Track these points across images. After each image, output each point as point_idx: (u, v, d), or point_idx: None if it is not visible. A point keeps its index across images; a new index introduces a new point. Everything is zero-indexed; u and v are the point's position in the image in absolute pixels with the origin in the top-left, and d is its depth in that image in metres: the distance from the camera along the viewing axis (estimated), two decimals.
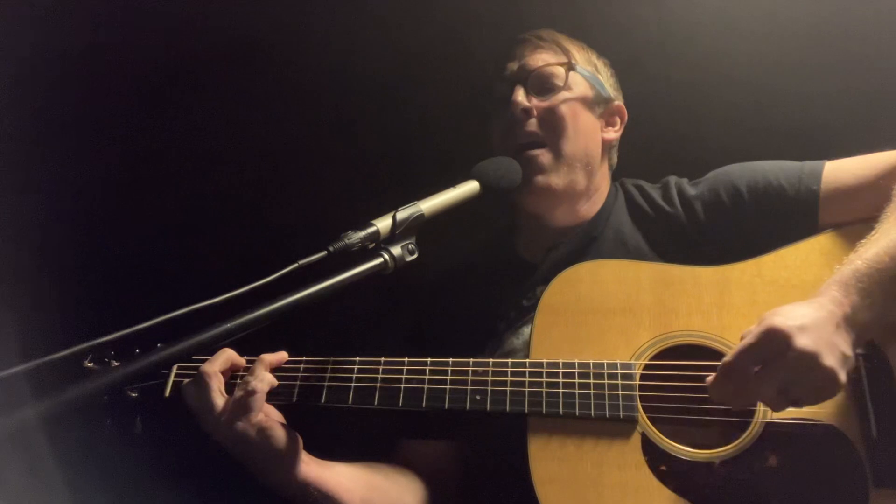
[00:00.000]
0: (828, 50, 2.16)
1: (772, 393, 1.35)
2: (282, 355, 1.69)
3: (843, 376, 1.34)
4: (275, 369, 1.67)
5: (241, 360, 1.70)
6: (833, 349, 1.34)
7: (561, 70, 1.92)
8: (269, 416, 1.61)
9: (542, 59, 1.92)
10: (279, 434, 1.59)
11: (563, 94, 1.90)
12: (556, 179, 1.87)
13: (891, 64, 2.11)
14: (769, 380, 1.34)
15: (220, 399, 1.60)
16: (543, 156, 1.87)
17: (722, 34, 2.22)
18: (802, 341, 1.32)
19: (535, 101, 1.88)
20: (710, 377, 1.39)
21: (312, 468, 1.64)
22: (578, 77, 1.93)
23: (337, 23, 2.29)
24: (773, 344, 1.33)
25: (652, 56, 2.23)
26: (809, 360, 1.32)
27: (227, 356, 1.67)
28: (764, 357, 1.34)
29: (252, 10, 2.25)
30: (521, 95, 1.87)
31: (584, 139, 1.91)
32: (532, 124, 1.88)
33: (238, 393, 1.57)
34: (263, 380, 1.59)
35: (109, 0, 2.18)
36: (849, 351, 1.37)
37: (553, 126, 1.88)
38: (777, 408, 1.39)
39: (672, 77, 2.25)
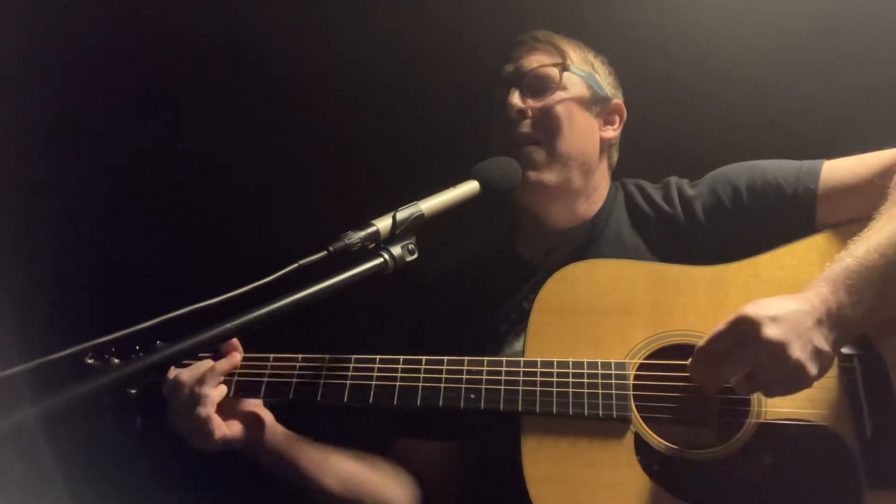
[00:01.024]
0: (827, 48, 2.15)
1: (737, 377, 1.39)
2: (234, 359, 1.72)
3: (812, 370, 1.36)
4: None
5: (226, 365, 1.71)
6: (805, 342, 1.36)
7: (555, 70, 1.92)
8: (231, 425, 1.68)
9: (537, 60, 1.93)
10: (245, 439, 1.70)
11: (559, 95, 1.90)
12: (549, 176, 1.87)
13: (891, 63, 2.10)
14: (734, 364, 1.38)
15: (181, 422, 1.66)
16: (536, 152, 1.87)
17: (722, 33, 2.22)
18: (771, 331, 1.34)
19: (529, 102, 1.89)
20: (690, 360, 1.44)
21: (290, 448, 1.74)
22: (574, 77, 1.93)
23: (337, 24, 2.29)
24: (741, 331, 1.37)
25: (652, 55, 2.23)
26: (776, 349, 1.34)
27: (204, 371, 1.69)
28: (732, 342, 1.38)
29: (255, 12, 2.27)
30: (515, 97, 1.88)
31: (579, 138, 1.91)
32: (527, 125, 1.88)
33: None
34: (206, 403, 1.63)
35: (111, 3, 2.20)
36: (825, 347, 1.38)
37: (547, 126, 1.88)
38: (743, 392, 1.45)
39: (672, 76, 2.24)
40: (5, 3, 2.05)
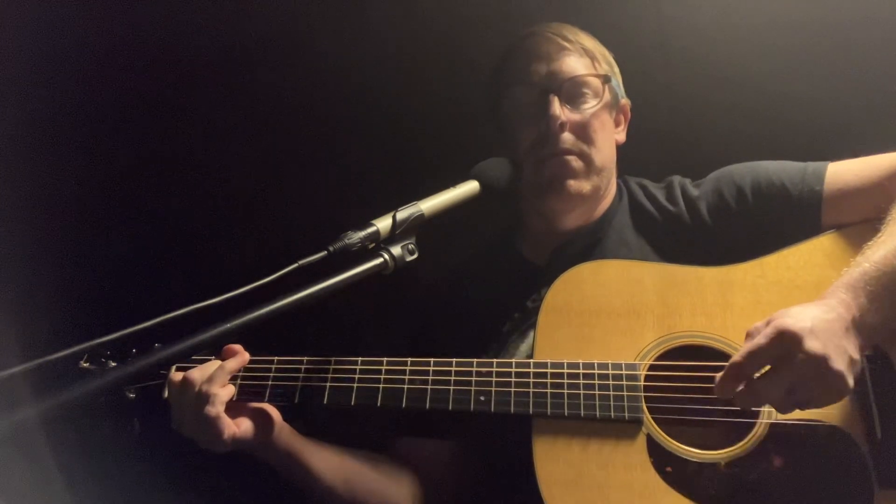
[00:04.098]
0: (830, 50, 2.16)
1: (779, 395, 1.35)
2: (243, 357, 1.69)
3: (850, 380, 1.34)
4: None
5: (235, 363, 1.68)
6: (842, 353, 1.34)
7: (597, 81, 1.89)
8: (240, 424, 1.64)
9: (571, 64, 1.88)
10: (254, 437, 1.66)
11: (595, 105, 1.87)
12: (587, 185, 1.86)
13: (894, 65, 2.12)
14: (777, 382, 1.34)
15: (189, 422, 1.63)
16: (576, 161, 1.84)
17: (723, 34, 2.23)
18: (812, 344, 1.32)
19: (567, 113, 1.84)
20: (719, 375, 1.39)
21: (296, 446, 1.72)
22: (608, 86, 1.91)
23: (338, 23, 2.28)
24: (783, 346, 1.33)
25: (652, 56, 2.24)
26: (819, 364, 1.32)
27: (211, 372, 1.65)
28: (773, 359, 1.34)
29: (257, 13, 2.25)
30: (557, 108, 1.82)
31: (608, 148, 1.91)
32: (568, 139, 1.83)
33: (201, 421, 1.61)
34: (215, 403, 1.59)
35: (108, 5, 2.17)
36: (856, 355, 1.37)
37: (585, 138, 1.85)
38: (784, 410, 1.39)
39: (672, 76, 2.25)
40: (6, 5, 2.03)
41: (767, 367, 1.36)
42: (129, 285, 2.20)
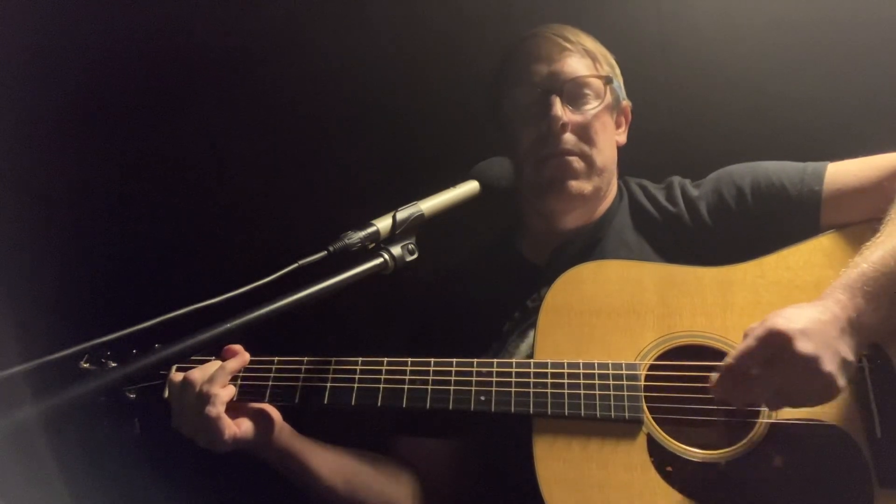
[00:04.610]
0: (830, 50, 2.16)
1: (769, 394, 1.37)
2: (243, 358, 1.70)
3: (841, 382, 1.35)
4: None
5: (236, 364, 1.69)
6: (834, 354, 1.35)
7: (598, 82, 1.89)
8: (241, 424, 1.64)
9: (572, 65, 1.88)
10: (254, 438, 1.66)
11: (596, 106, 1.87)
12: (588, 186, 1.86)
13: (893, 65, 2.12)
14: (768, 381, 1.35)
15: (189, 422, 1.63)
16: (578, 162, 1.85)
17: (723, 34, 2.23)
18: (803, 345, 1.33)
19: (568, 114, 1.84)
20: (713, 375, 1.40)
21: (297, 446, 1.72)
22: (610, 87, 1.91)
23: (338, 23, 2.28)
24: (774, 346, 1.34)
25: (652, 57, 2.24)
26: (809, 364, 1.33)
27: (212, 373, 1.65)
28: (764, 359, 1.35)
29: (257, 14, 2.25)
30: (559, 109, 1.83)
31: (609, 149, 1.91)
32: (570, 140, 1.84)
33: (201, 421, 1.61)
34: (216, 403, 1.60)
35: (108, 4, 2.17)
36: (850, 356, 1.37)
37: (587, 139, 1.86)
38: (773, 407, 1.44)
39: (673, 77, 2.25)
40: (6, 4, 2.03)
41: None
42: (130, 285, 2.20)
